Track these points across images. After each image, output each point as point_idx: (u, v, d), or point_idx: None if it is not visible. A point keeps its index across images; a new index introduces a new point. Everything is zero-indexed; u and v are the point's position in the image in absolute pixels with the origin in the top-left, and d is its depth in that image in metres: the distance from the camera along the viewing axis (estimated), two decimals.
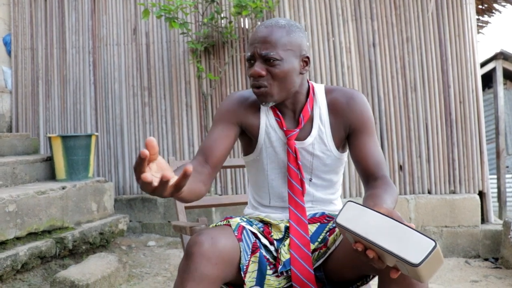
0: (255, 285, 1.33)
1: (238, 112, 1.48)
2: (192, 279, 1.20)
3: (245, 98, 1.51)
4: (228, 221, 1.40)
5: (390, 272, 1.02)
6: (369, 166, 1.39)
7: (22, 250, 2.63)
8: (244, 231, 1.36)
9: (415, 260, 0.93)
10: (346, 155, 1.52)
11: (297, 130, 1.44)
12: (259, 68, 1.36)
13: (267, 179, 1.50)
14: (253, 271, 1.33)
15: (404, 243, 0.95)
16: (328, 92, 1.49)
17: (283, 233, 1.44)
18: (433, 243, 0.93)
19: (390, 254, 0.96)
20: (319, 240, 1.40)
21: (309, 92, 1.47)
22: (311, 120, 1.46)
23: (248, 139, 1.53)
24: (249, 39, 1.51)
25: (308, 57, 1.42)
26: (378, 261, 1.02)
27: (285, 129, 1.45)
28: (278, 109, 1.48)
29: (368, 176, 1.39)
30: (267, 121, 1.48)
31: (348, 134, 1.46)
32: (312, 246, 1.39)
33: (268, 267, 1.36)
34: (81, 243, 3.11)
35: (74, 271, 2.63)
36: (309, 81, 1.51)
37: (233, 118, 1.48)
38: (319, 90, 1.49)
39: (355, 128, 1.43)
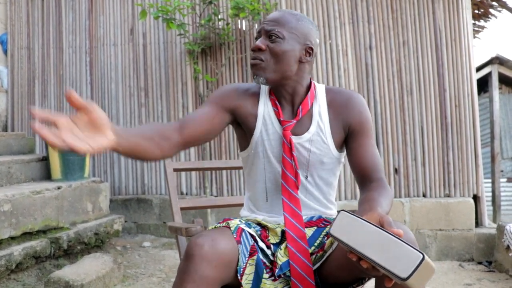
0: (251, 287, 1.33)
1: (234, 99, 1.48)
2: (192, 281, 1.20)
3: (245, 88, 1.52)
4: (227, 223, 1.39)
5: (385, 281, 1.03)
6: (366, 168, 1.39)
7: (17, 250, 2.62)
8: (243, 234, 1.36)
9: (403, 274, 0.93)
10: (343, 155, 1.51)
11: (294, 121, 1.44)
12: (260, 42, 1.40)
13: (264, 173, 1.48)
14: (250, 274, 1.33)
15: (393, 256, 0.96)
16: (328, 91, 1.50)
17: (279, 237, 1.43)
18: (421, 256, 0.93)
19: (380, 267, 0.97)
20: (316, 244, 1.39)
21: (310, 88, 1.48)
22: (310, 116, 1.46)
23: (244, 132, 1.51)
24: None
25: (312, 49, 1.43)
26: (373, 270, 1.03)
27: (281, 119, 1.45)
28: (277, 99, 1.48)
29: (364, 178, 1.39)
30: (264, 112, 1.47)
31: (346, 135, 1.46)
32: (309, 250, 1.38)
33: (265, 271, 1.35)
34: (76, 243, 3.10)
35: (68, 271, 2.63)
36: (312, 79, 1.51)
37: (226, 104, 1.46)
38: (320, 88, 1.51)
39: (354, 129, 1.44)
